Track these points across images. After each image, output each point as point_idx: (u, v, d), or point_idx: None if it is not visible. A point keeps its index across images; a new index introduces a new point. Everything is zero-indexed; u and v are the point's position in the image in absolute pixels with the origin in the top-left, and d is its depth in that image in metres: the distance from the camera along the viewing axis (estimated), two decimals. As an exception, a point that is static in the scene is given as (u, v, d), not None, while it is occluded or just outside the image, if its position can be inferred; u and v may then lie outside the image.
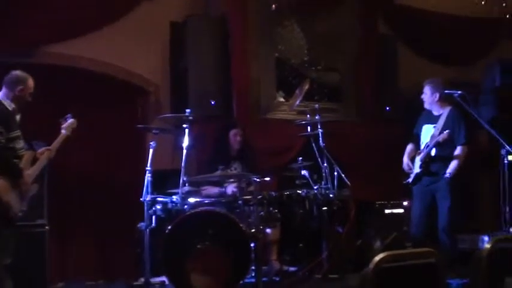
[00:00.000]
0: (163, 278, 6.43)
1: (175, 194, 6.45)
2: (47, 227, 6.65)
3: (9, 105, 5.61)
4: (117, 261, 7.81)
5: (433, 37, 9.89)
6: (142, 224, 6.55)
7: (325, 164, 7.20)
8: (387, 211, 8.03)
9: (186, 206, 6.37)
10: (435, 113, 7.07)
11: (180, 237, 6.12)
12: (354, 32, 9.05)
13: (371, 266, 2.80)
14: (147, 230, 6.49)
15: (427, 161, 6.92)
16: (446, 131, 6.73)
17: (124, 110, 8.21)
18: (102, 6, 7.69)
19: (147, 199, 6.42)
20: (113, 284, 6.42)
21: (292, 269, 7.07)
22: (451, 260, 6.37)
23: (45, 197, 6.66)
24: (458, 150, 6.82)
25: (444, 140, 6.75)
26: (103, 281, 7.18)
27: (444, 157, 6.86)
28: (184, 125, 6.55)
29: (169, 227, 6.12)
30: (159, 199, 6.48)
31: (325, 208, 6.93)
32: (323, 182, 7.13)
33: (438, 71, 9.83)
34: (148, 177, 6.47)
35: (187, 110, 6.56)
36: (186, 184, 6.51)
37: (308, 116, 7.51)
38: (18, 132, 5.62)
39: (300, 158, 7.34)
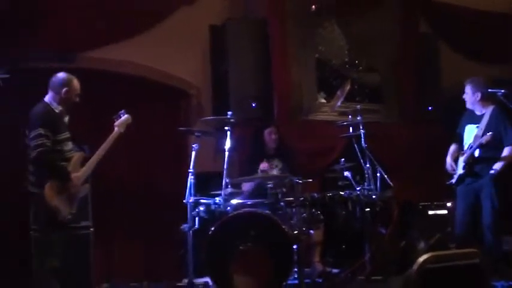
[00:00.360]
0: (207, 279, 6.46)
1: (218, 195, 6.49)
2: (91, 229, 6.73)
3: (56, 108, 5.65)
4: (160, 262, 7.88)
5: (473, 35, 9.79)
6: (185, 225, 6.60)
7: (368, 165, 7.15)
8: (431, 212, 7.94)
9: (228, 208, 6.39)
10: (478, 112, 6.95)
11: (223, 238, 6.14)
12: (394, 33, 9.01)
13: (415, 267, 2.79)
14: (190, 231, 6.53)
15: (470, 162, 6.81)
16: (490, 133, 6.63)
17: (166, 114, 8.30)
18: (141, 11, 7.77)
19: (190, 201, 6.46)
20: (157, 285, 6.48)
21: (335, 270, 7.04)
22: (495, 260, 6.32)
23: (90, 198, 6.74)
24: (506, 151, 6.71)
25: (487, 141, 6.64)
26: (147, 282, 7.24)
27: (488, 158, 6.74)
28: (226, 127, 6.58)
29: (212, 229, 6.15)
30: (202, 201, 6.51)
31: (368, 209, 6.89)
32: (365, 183, 7.09)
33: (479, 69, 9.73)
34: (191, 179, 6.52)
35: (229, 113, 6.59)
36: (229, 186, 6.54)
37: (350, 117, 7.47)
38: (66, 134, 5.68)
39: (343, 159, 7.32)
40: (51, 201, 5.38)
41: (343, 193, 6.94)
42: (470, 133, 6.94)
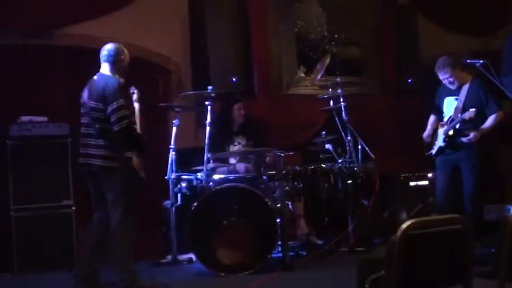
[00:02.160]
0: (191, 255, 6.50)
1: (200, 171, 6.48)
2: (73, 208, 6.72)
3: (120, 79, 5.60)
4: (144, 239, 7.85)
5: (453, 6, 9.77)
6: (167, 202, 6.62)
7: (349, 138, 7.18)
8: (412, 183, 7.97)
9: (211, 183, 6.40)
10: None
11: (206, 213, 6.16)
12: (373, 5, 9.00)
13: (398, 233, 2.80)
14: (173, 208, 6.56)
15: (451, 135, 6.78)
16: (473, 109, 6.51)
17: (145, 89, 8.19)
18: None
19: (172, 177, 6.46)
20: (141, 262, 6.47)
21: (318, 242, 7.09)
22: (476, 228, 6.33)
23: (71, 178, 6.72)
24: (491, 119, 6.65)
25: (470, 118, 6.56)
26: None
27: (469, 131, 6.65)
28: (207, 102, 6.57)
29: (195, 204, 6.16)
30: (184, 177, 6.52)
31: (350, 181, 6.93)
32: (347, 156, 7.13)
33: (459, 41, 9.75)
34: (172, 155, 6.51)
35: (209, 87, 6.57)
36: (210, 161, 6.54)
37: (330, 90, 7.48)
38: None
39: (324, 132, 7.35)
40: (140, 173, 5.60)
41: (325, 166, 6.97)
42: (450, 105, 6.87)
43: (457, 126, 6.71)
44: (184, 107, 7.06)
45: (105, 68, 5.60)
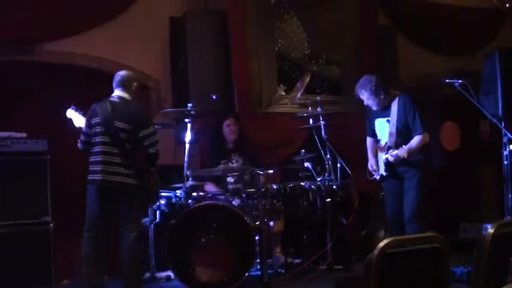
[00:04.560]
0: (169, 273, 6.47)
1: (179, 188, 6.48)
2: (51, 225, 6.67)
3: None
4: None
5: (433, 27, 9.88)
6: (146, 219, 6.58)
7: (328, 156, 7.21)
8: (390, 202, 8.00)
9: (190, 201, 6.39)
10: (385, 103, 6.63)
11: (185, 231, 6.14)
12: (354, 24, 9.06)
13: (376, 251, 2.81)
14: (152, 225, 6.54)
15: (390, 165, 6.50)
16: (406, 148, 6.20)
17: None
18: (100, 2, 7.68)
19: (151, 194, 6.44)
20: (118, 280, 6.43)
21: (296, 261, 7.08)
22: (452, 247, 6.23)
23: (49, 194, 6.68)
24: (416, 139, 6.37)
25: (404, 157, 6.23)
26: (108, 277, 7.20)
27: (408, 160, 6.38)
28: (186, 120, 6.57)
29: (173, 222, 6.14)
30: (163, 194, 6.50)
31: (328, 199, 6.94)
32: (326, 174, 7.15)
33: (438, 62, 9.88)
34: (151, 172, 6.49)
35: (189, 105, 6.57)
36: (190, 178, 6.53)
37: (310, 108, 7.52)
38: None
39: (303, 151, 7.36)
40: (157, 190, 6.07)
41: (304, 184, 6.98)
42: (383, 128, 6.64)
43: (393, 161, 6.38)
44: (164, 124, 7.05)
45: (123, 93, 5.92)
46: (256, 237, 6.25)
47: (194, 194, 6.52)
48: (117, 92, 5.91)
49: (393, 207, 6.64)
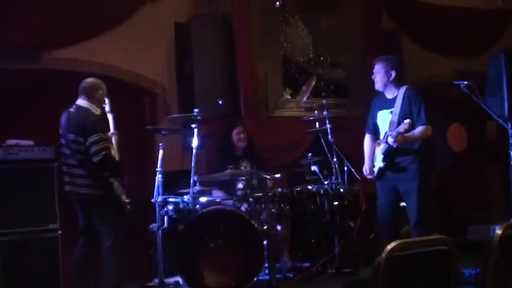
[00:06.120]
0: (177, 278, 6.47)
1: (186, 194, 6.48)
2: (59, 232, 6.67)
3: (97, 111, 5.99)
4: (130, 262, 7.81)
5: (437, 29, 9.87)
6: (154, 225, 6.60)
7: (335, 159, 7.20)
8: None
9: (197, 206, 6.39)
10: (389, 95, 6.52)
11: (193, 236, 6.15)
12: (359, 27, 9.07)
13: (383, 254, 2.81)
14: (160, 230, 6.53)
15: (389, 153, 6.35)
16: (408, 120, 6.07)
17: (132, 113, 8.23)
18: (105, 9, 7.67)
19: (159, 200, 6.45)
20: (127, 286, 6.44)
21: (305, 264, 7.08)
22: (460, 249, 6.19)
23: (57, 201, 6.69)
24: (418, 129, 6.26)
25: (405, 130, 6.09)
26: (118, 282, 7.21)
27: (407, 148, 6.31)
28: (193, 125, 6.58)
29: (181, 227, 6.15)
30: (170, 199, 6.50)
31: (336, 203, 6.94)
32: (333, 177, 7.15)
33: (443, 64, 9.86)
34: (159, 178, 6.50)
35: (195, 110, 6.58)
36: (197, 184, 6.54)
37: (316, 112, 7.52)
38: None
39: (310, 154, 7.36)
40: (122, 199, 5.92)
41: (311, 187, 6.99)
42: (385, 119, 6.49)
43: (394, 144, 6.21)
44: (170, 129, 7.07)
45: (82, 100, 5.96)
46: (264, 242, 6.25)
47: (202, 199, 6.53)
48: (78, 101, 5.99)
49: (385, 210, 6.52)
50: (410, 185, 6.30)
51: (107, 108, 6.27)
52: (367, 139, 6.79)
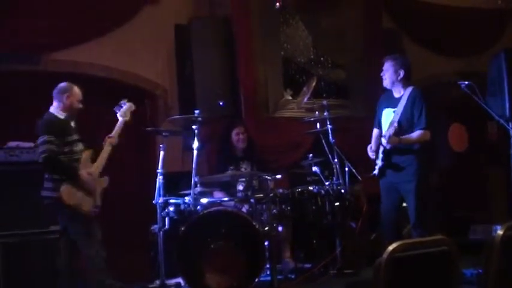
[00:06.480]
0: (179, 279, 6.46)
1: (187, 195, 6.48)
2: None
3: (61, 115, 6.00)
4: (131, 264, 7.82)
5: (438, 29, 9.88)
6: (155, 226, 6.59)
7: (336, 160, 7.19)
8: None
9: (198, 207, 6.39)
10: (396, 94, 6.51)
11: (194, 237, 6.14)
12: (359, 27, 9.07)
13: (384, 255, 2.81)
14: (161, 232, 6.52)
15: (387, 153, 6.38)
16: (395, 124, 6.16)
17: (132, 114, 8.22)
18: (105, 11, 7.69)
19: (160, 201, 6.45)
20: (129, 287, 6.44)
21: (306, 265, 7.07)
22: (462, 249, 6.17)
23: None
24: (416, 133, 6.27)
25: (395, 131, 6.17)
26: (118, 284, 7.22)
27: (406, 149, 6.36)
28: (194, 126, 6.58)
29: (183, 228, 6.15)
30: (171, 201, 6.50)
31: (337, 204, 6.92)
32: (334, 178, 7.13)
33: (444, 63, 9.87)
34: (159, 179, 6.50)
35: (196, 111, 6.58)
36: (198, 185, 6.54)
37: (317, 113, 7.51)
38: (74, 137, 6.03)
39: (310, 155, 7.35)
40: (68, 201, 5.77)
41: (312, 188, 6.97)
42: (388, 118, 6.50)
43: (387, 146, 6.30)
44: (171, 131, 7.06)
45: (54, 105, 6.07)
46: (266, 243, 6.25)
47: (203, 200, 6.53)
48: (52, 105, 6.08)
49: (386, 209, 6.56)
50: (408, 185, 6.32)
51: (119, 112, 6.39)
52: (375, 132, 6.80)
